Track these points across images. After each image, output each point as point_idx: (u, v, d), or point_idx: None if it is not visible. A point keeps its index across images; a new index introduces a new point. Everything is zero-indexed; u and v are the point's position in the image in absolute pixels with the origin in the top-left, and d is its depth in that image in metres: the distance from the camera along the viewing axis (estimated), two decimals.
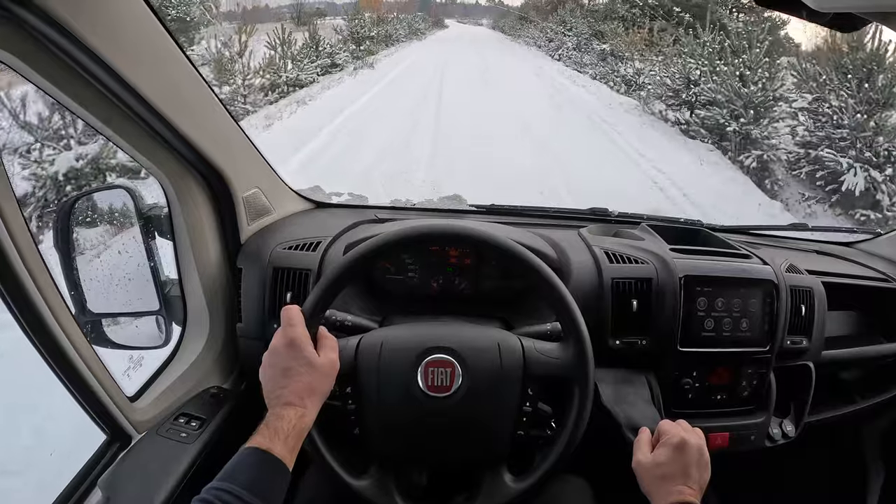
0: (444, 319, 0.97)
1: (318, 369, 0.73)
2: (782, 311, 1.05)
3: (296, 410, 0.69)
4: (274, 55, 10.02)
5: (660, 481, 0.74)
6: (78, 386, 0.83)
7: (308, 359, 0.73)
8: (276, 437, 0.66)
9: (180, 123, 0.86)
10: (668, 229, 1.21)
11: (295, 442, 0.68)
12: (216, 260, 1.05)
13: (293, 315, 0.75)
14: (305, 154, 6.12)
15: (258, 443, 0.65)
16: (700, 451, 0.76)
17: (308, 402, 0.71)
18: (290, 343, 0.73)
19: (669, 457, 0.75)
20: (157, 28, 0.79)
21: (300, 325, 0.75)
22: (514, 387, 0.81)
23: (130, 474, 0.86)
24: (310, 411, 0.71)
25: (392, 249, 0.82)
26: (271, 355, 0.74)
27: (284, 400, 0.70)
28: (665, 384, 1.03)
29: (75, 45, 0.67)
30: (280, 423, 0.67)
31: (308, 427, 0.71)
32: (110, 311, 1.01)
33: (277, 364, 0.73)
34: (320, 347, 0.76)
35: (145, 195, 1.04)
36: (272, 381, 0.72)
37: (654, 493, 0.75)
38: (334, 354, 0.77)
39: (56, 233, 0.96)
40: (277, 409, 0.70)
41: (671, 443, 0.76)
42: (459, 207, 1.41)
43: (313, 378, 0.73)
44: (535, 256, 0.81)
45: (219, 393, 1.03)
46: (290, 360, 0.72)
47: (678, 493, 0.72)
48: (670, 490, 0.73)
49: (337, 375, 0.77)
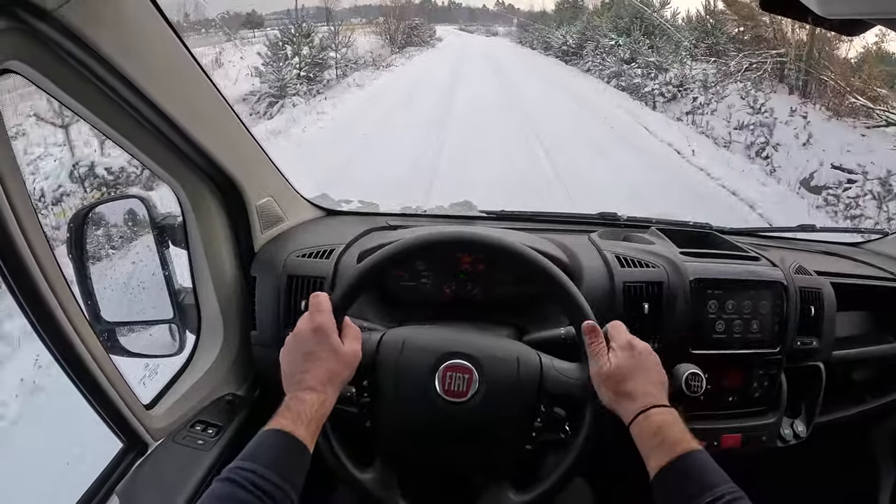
0: (462, 325, 0.98)
1: (342, 357, 0.73)
2: (792, 313, 1.05)
3: (318, 395, 0.69)
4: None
5: (622, 386, 0.73)
6: (95, 394, 0.83)
7: (332, 345, 0.73)
8: (299, 420, 0.66)
9: (194, 133, 0.87)
10: (677, 233, 1.22)
11: (316, 427, 0.68)
12: (230, 268, 1.05)
13: (322, 301, 0.76)
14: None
15: (281, 425, 0.64)
16: (649, 349, 0.76)
17: (329, 388, 0.71)
18: (317, 328, 0.73)
19: (624, 359, 0.74)
20: (172, 38, 0.80)
21: (327, 312, 0.75)
22: (528, 401, 0.81)
23: (148, 482, 0.87)
24: (329, 398, 0.71)
25: (419, 253, 0.83)
26: (295, 339, 0.74)
27: (306, 384, 0.70)
28: (676, 386, 1.03)
29: (91, 55, 0.68)
30: (302, 407, 0.67)
31: (327, 413, 0.71)
32: (124, 319, 1.02)
33: (301, 348, 0.73)
34: (344, 336, 0.76)
35: (158, 205, 1.05)
36: (294, 364, 0.72)
37: (620, 402, 0.73)
38: (357, 344, 0.77)
39: (70, 242, 0.96)
40: (299, 392, 0.69)
41: (619, 344, 0.75)
42: (470, 214, 1.42)
43: (336, 365, 0.72)
44: (553, 266, 0.82)
45: (234, 400, 1.04)
46: (315, 344, 0.72)
47: (643, 395, 0.71)
48: (636, 393, 0.71)
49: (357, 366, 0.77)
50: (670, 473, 0.64)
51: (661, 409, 0.71)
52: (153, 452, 0.91)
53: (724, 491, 0.60)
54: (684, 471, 0.63)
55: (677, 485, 0.63)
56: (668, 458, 0.64)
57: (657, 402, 0.71)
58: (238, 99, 8.67)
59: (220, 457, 0.91)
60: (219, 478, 0.59)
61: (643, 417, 0.70)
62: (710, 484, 0.61)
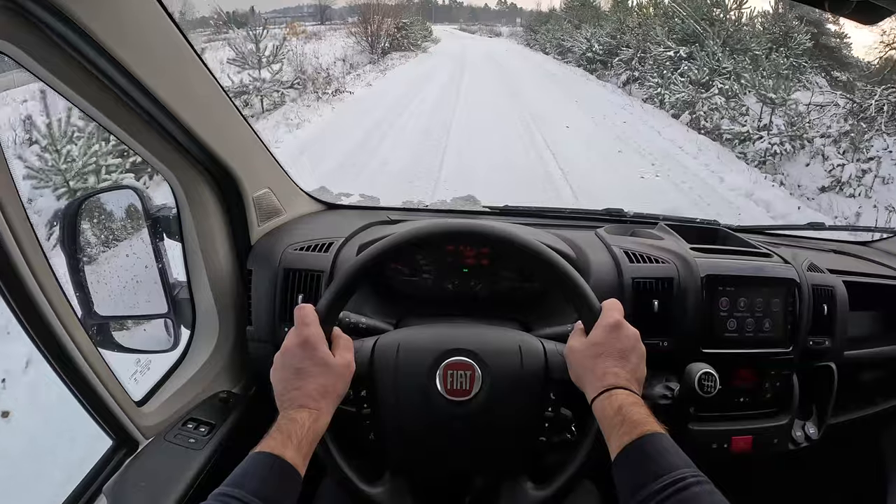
0: (461, 321, 0.95)
1: (333, 370, 0.70)
2: (805, 311, 1.03)
3: (309, 413, 0.66)
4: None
5: (592, 361, 0.69)
6: (83, 390, 0.81)
7: (322, 358, 0.70)
8: (289, 441, 0.63)
9: (190, 122, 0.85)
10: (685, 229, 1.19)
11: (308, 447, 0.65)
12: (226, 261, 1.03)
13: (307, 314, 0.72)
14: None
15: (270, 447, 0.62)
16: (637, 338, 0.72)
17: (322, 403, 0.68)
18: (304, 342, 0.70)
19: (604, 337, 0.70)
20: (169, 26, 0.77)
21: (314, 325, 0.72)
22: (536, 390, 0.78)
23: (137, 481, 0.84)
24: (324, 414, 0.68)
25: (407, 248, 0.79)
26: (283, 355, 0.71)
27: (298, 402, 0.67)
28: (687, 386, 1.00)
29: (84, 39, 0.65)
30: (293, 427, 0.64)
31: (322, 430, 0.68)
32: (118, 313, 1.00)
33: (290, 364, 0.70)
34: (335, 347, 0.73)
35: (153, 196, 1.03)
36: (284, 382, 0.69)
37: (586, 377, 0.69)
38: (350, 355, 0.74)
39: (63, 233, 0.94)
40: (290, 412, 0.66)
41: (606, 323, 0.71)
42: (473, 208, 1.39)
43: (328, 379, 0.69)
44: (560, 257, 0.78)
45: (228, 398, 1.01)
46: (304, 359, 0.69)
47: (613, 375, 0.67)
48: (605, 371, 0.68)
49: (352, 377, 0.74)
50: (630, 455, 0.61)
51: (627, 391, 0.66)
52: (143, 451, 0.88)
53: (684, 474, 0.56)
54: (645, 452, 0.60)
55: (637, 465, 0.60)
56: (630, 439, 0.61)
57: (625, 386, 0.67)
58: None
59: (212, 457, 0.89)
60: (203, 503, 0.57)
61: (605, 396, 0.66)
62: (669, 465, 0.58)
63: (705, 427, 1.00)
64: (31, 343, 0.75)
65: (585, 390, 0.70)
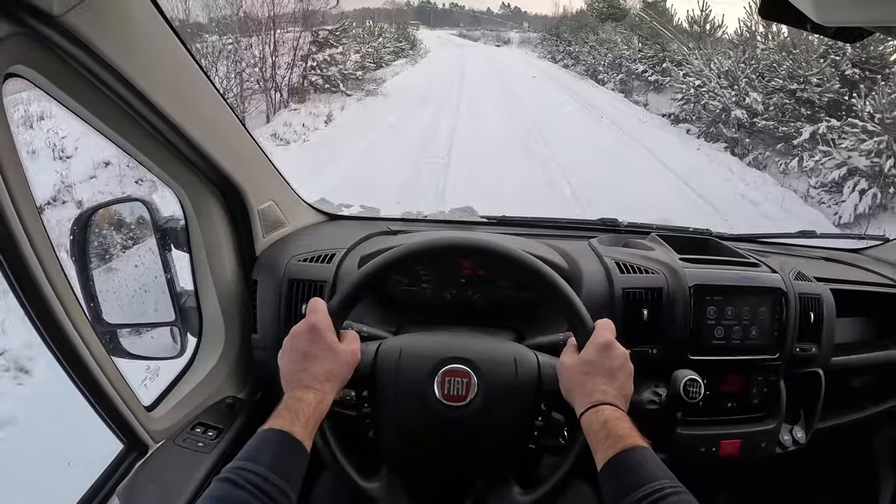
0: (460, 330, 0.98)
1: (340, 355, 0.74)
2: (791, 319, 1.05)
3: (315, 394, 0.70)
4: None
5: (583, 378, 0.73)
6: (96, 395, 0.84)
7: (329, 344, 0.73)
8: (297, 419, 0.66)
9: (198, 137, 0.88)
10: (677, 239, 1.22)
11: (314, 426, 0.68)
12: (232, 272, 1.06)
13: (317, 304, 0.77)
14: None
15: (279, 425, 0.65)
16: (626, 358, 0.75)
17: (327, 386, 0.71)
18: (312, 328, 0.74)
19: (596, 356, 0.74)
20: (175, 43, 0.80)
21: (323, 313, 0.76)
22: (528, 400, 0.81)
23: (148, 483, 0.87)
24: (328, 396, 0.71)
25: (418, 260, 0.84)
26: (292, 339, 0.74)
27: (304, 383, 0.70)
28: (675, 392, 1.03)
29: (96, 60, 0.68)
30: (300, 406, 0.68)
31: (325, 412, 0.71)
32: (126, 321, 1.02)
33: (298, 347, 0.73)
34: (342, 337, 0.77)
35: (161, 208, 1.06)
36: (292, 363, 0.73)
37: (575, 392, 0.73)
38: (356, 345, 0.78)
39: (73, 244, 0.96)
40: (297, 392, 0.70)
41: (597, 342, 0.75)
42: (471, 219, 1.42)
43: (334, 364, 0.73)
44: (552, 271, 0.82)
45: (234, 403, 1.04)
46: (311, 343, 0.73)
47: (602, 392, 0.71)
48: (594, 388, 0.71)
49: (355, 376, 0.77)
50: (614, 467, 0.64)
51: (613, 407, 0.70)
52: (154, 454, 0.91)
53: (663, 485, 0.60)
54: (628, 464, 0.64)
55: (620, 476, 0.63)
56: (614, 452, 0.65)
57: (612, 402, 0.71)
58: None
59: (220, 459, 0.92)
60: (217, 478, 0.60)
61: (593, 411, 0.70)
62: (650, 476, 0.61)
63: (693, 431, 1.03)
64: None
65: (574, 405, 0.74)
